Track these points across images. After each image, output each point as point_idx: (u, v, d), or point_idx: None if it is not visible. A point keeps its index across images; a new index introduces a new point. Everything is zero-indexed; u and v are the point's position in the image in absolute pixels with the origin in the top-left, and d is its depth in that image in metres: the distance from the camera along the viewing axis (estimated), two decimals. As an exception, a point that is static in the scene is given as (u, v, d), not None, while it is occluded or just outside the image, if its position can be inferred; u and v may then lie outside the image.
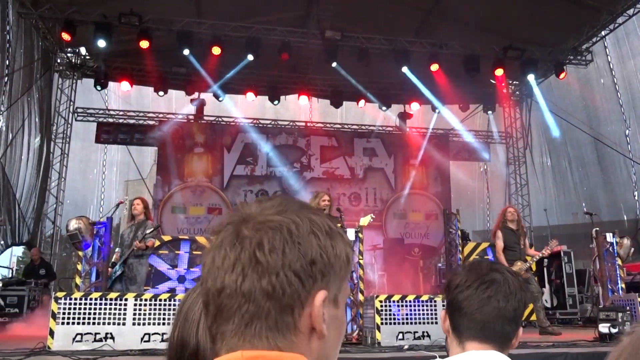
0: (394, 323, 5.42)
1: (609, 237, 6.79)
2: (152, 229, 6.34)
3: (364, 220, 6.53)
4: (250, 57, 10.78)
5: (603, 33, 11.40)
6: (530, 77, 11.93)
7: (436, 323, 5.44)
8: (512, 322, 1.29)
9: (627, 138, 11.79)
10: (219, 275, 0.69)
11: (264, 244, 0.68)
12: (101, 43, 10.08)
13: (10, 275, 10.79)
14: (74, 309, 4.89)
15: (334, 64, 11.07)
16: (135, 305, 5.00)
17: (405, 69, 11.36)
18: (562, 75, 11.60)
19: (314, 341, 0.69)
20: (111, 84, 12.84)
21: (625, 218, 11.79)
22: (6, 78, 9.68)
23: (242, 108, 14.26)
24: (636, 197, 11.76)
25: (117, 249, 6.45)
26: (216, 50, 10.58)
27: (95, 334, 4.87)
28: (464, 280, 1.32)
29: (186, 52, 10.46)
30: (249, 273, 0.67)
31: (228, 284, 0.68)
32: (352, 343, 5.68)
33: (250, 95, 13.08)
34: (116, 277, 6.19)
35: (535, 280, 7.05)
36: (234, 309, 0.68)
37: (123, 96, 13.67)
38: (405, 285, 10.05)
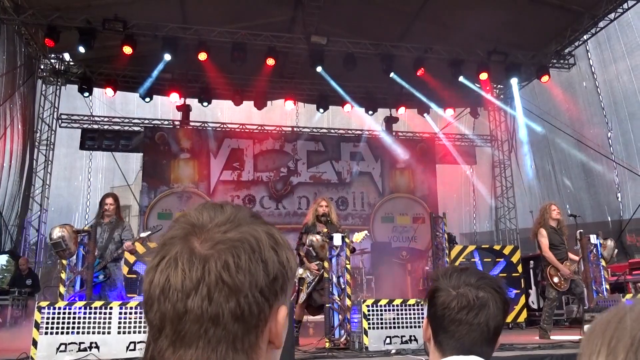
0: (382, 327, 5.42)
1: (593, 238, 6.83)
2: (149, 232, 6.26)
3: (358, 236, 6.56)
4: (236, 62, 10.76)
5: (585, 37, 11.56)
6: (513, 82, 12.07)
7: (423, 327, 5.43)
8: (495, 340, 1.30)
9: (610, 140, 11.97)
10: (179, 297, 0.63)
11: (230, 263, 0.64)
12: (84, 49, 10.00)
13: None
14: (58, 318, 4.82)
15: (319, 69, 11.05)
16: (120, 313, 4.95)
17: (392, 74, 11.43)
18: (544, 79, 11.74)
19: (270, 353, 0.69)
20: (96, 90, 12.73)
21: (609, 219, 11.94)
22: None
23: (228, 113, 14.23)
24: (619, 199, 11.92)
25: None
26: (202, 56, 10.56)
27: (80, 343, 4.80)
28: (453, 305, 1.27)
29: (167, 57, 10.43)
30: (216, 296, 0.63)
31: (192, 307, 0.63)
32: (340, 348, 5.67)
33: (236, 100, 13.05)
34: (94, 285, 5.93)
35: (582, 282, 6.82)
36: (198, 334, 0.63)
37: (108, 102, 13.55)
38: (393, 289, 10.06)
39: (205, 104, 12.95)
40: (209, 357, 0.64)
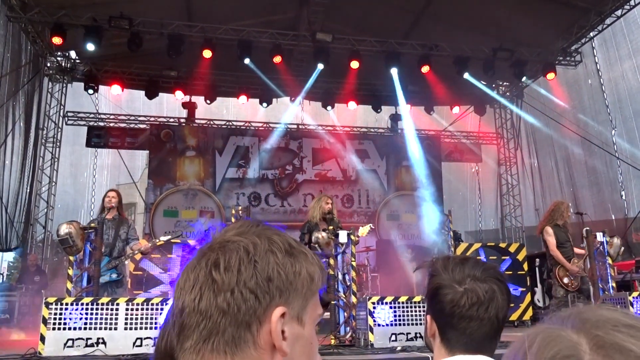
0: (387, 324, 5.43)
1: (600, 236, 6.80)
2: (169, 237, 6.28)
3: (363, 231, 6.62)
4: (246, 61, 10.77)
5: (591, 34, 11.50)
6: (524, 80, 12.04)
7: (429, 324, 5.44)
8: (501, 331, 1.27)
9: (614, 138, 11.90)
10: (181, 295, 0.73)
11: (219, 263, 0.71)
12: (91, 47, 10.03)
13: (0, 281, 10.71)
14: (65, 314, 4.85)
15: (320, 65, 11.00)
16: (126, 309, 4.97)
17: (394, 71, 11.39)
18: (550, 76, 11.70)
19: (277, 358, 0.70)
20: (102, 87, 12.78)
21: (613, 217, 11.88)
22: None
23: (233, 111, 14.25)
24: (623, 197, 11.85)
25: None
26: (207, 54, 10.57)
27: (87, 339, 4.83)
28: (463, 302, 1.22)
29: (173, 55, 10.44)
30: (206, 291, 0.70)
31: (188, 303, 0.71)
32: (345, 345, 5.69)
33: (242, 98, 13.09)
34: (102, 283, 5.92)
35: (588, 280, 6.76)
36: (193, 327, 0.70)
37: (114, 100, 13.60)
38: (399, 287, 10.06)
39: (208, 102, 12.98)
40: (202, 348, 0.70)
